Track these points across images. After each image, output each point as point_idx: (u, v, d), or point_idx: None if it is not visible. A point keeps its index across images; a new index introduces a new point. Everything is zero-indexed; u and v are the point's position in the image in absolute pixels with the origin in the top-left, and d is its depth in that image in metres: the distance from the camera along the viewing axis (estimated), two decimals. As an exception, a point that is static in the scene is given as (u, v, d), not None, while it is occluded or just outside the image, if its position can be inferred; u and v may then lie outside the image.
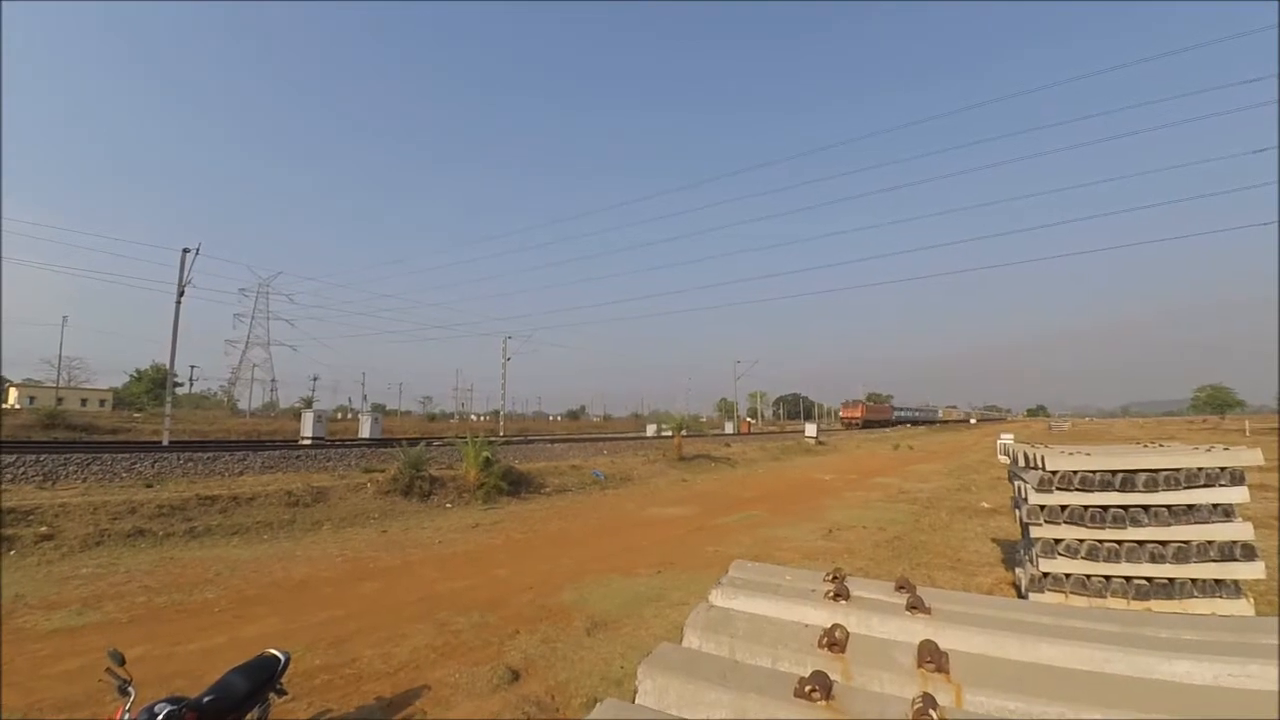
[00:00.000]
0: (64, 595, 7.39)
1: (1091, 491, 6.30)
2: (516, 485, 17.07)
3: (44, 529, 9.64)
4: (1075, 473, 6.38)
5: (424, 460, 15.85)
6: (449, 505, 14.72)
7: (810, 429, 47.04)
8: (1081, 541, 6.29)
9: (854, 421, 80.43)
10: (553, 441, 29.91)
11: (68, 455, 14.32)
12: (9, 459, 13.01)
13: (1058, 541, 6.40)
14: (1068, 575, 6.30)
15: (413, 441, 20.02)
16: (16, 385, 63.32)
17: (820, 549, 10.48)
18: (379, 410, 60.65)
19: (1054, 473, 6.48)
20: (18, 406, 52.50)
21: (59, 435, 30.71)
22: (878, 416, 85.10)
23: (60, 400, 52.39)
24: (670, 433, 29.15)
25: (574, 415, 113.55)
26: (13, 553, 8.86)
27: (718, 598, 2.57)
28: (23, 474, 12.70)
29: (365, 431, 31.17)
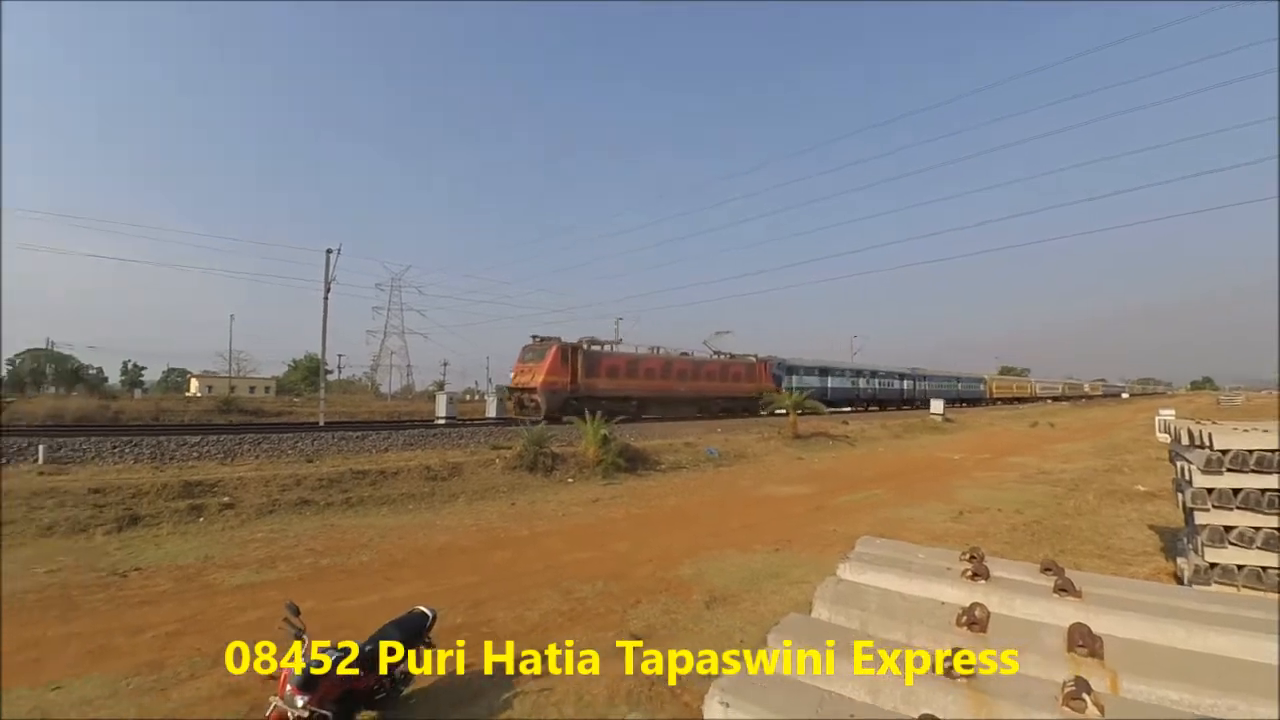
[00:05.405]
0: (245, 556, 8.48)
1: (1270, 473, 5.58)
2: (633, 462, 17.49)
3: (225, 499, 11.07)
4: (1250, 452, 5.65)
5: (546, 438, 16.56)
6: (570, 480, 15.36)
7: (937, 405, 44.43)
8: (1257, 530, 5.58)
9: (528, 397, 26.33)
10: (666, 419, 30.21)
11: (242, 435, 16.30)
12: (194, 439, 15.06)
13: (1229, 529, 5.72)
14: (1240, 567, 5.63)
15: (535, 420, 20.90)
16: (196, 376, 73.05)
17: (949, 531, 10.00)
18: (503, 391, 63.62)
19: (1224, 451, 5.77)
20: (199, 395, 60.90)
21: (234, 419, 35.18)
22: (646, 388, 30.92)
23: (233, 389, 59.64)
24: (785, 410, 28.58)
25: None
26: (201, 519, 10.23)
27: (846, 572, 2.57)
28: (207, 452, 14.61)
29: (491, 411, 32.83)
